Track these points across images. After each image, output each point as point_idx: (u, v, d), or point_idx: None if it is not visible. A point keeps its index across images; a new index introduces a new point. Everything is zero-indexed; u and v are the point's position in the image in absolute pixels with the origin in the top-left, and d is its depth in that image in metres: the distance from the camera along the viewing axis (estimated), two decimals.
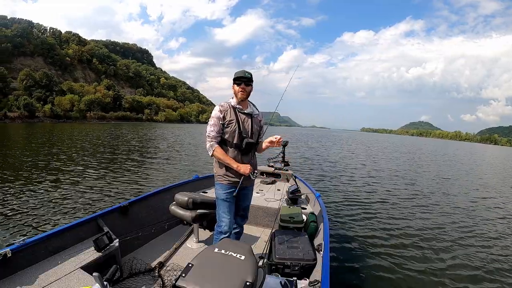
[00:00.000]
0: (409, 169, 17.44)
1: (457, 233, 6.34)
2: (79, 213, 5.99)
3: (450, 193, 10.82)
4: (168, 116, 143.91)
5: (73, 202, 6.73)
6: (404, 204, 8.60)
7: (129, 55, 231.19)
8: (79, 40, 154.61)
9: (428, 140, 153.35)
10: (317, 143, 38.47)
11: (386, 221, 6.78)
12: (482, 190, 12.32)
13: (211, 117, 2.70)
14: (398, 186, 11.51)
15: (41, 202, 6.58)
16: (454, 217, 7.57)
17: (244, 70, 2.69)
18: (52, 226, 5.20)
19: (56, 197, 7.03)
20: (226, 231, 2.77)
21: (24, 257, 2.29)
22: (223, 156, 2.65)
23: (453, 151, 47.73)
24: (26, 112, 79.26)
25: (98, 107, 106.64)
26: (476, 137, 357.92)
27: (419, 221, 7.02)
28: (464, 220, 7.35)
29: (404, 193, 10.11)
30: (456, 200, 9.71)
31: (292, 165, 10.03)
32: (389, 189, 10.60)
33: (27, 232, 4.95)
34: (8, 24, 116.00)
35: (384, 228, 6.31)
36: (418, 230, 6.31)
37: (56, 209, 6.17)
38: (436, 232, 6.29)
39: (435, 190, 11.19)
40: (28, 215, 5.75)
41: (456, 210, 8.33)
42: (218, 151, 2.65)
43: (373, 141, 65.09)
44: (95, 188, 8.10)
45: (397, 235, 5.94)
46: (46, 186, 7.99)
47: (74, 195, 7.28)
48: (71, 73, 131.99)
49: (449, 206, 8.69)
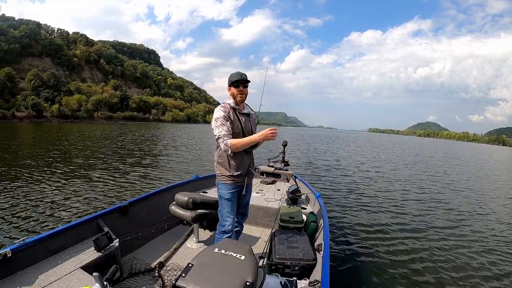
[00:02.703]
0: (410, 170, 17.35)
1: (458, 233, 6.32)
2: (79, 213, 6.01)
3: (453, 194, 10.75)
4: (175, 116, 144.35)
5: (73, 202, 6.75)
6: (405, 204, 8.57)
7: (136, 56, 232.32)
8: (86, 41, 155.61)
9: (435, 141, 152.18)
10: (324, 145, 38.26)
11: (386, 221, 6.76)
12: (491, 193, 12.18)
13: (215, 119, 2.66)
14: (399, 186, 11.45)
15: (41, 202, 6.60)
16: (454, 217, 7.54)
17: (239, 72, 2.68)
18: (52, 226, 5.22)
19: (56, 197, 7.06)
20: (230, 231, 2.78)
21: (24, 257, 2.30)
22: (242, 141, 2.60)
23: (462, 152, 47.36)
24: (34, 112, 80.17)
25: (105, 107, 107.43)
26: (484, 138, 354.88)
27: (420, 221, 7.00)
28: (463, 221, 7.35)
29: (404, 193, 10.07)
30: (457, 200, 9.65)
31: (292, 165, 10.02)
32: (389, 189, 10.56)
33: (27, 232, 4.97)
34: (16, 25, 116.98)
35: (384, 228, 6.29)
36: (418, 230, 6.29)
37: (56, 209, 6.19)
38: (437, 232, 6.26)
39: (436, 190, 11.15)
40: (28, 215, 5.77)
41: (456, 210, 8.27)
42: (234, 142, 2.58)
43: (381, 142, 64.53)
44: (95, 188, 8.13)
45: (397, 235, 5.93)
46: (46, 186, 8.01)
47: (74, 195, 7.31)
48: (79, 74, 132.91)
49: (450, 207, 8.63)
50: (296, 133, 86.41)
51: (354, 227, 6.16)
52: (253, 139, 2.59)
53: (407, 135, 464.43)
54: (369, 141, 56.68)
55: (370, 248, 5.17)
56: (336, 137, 76.38)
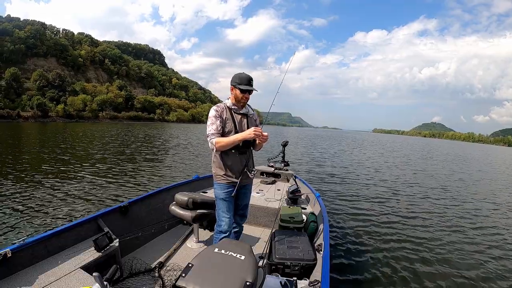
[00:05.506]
0: (412, 170, 17.25)
1: (458, 233, 6.30)
2: (79, 213, 6.01)
3: (456, 195, 10.65)
4: (179, 116, 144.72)
5: (73, 202, 6.75)
6: (405, 204, 8.54)
7: (141, 56, 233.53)
8: (91, 41, 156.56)
9: (441, 142, 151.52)
10: (326, 145, 38.14)
11: (386, 221, 6.73)
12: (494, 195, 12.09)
13: (208, 118, 2.70)
14: (399, 186, 11.40)
15: (41, 202, 6.61)
16: (454, 218, 7.47)
17: (248, 77, 2.65)
18: (52, 226, 5.23)
19: (56, 197, 7.06)
20: (226, 231, 2.78)
21: (24, 257, 2.30)
22: (226, 140, 2.60)
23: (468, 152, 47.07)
24: (39, 112, 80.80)
25: (110, 107, 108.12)
26: (490, 138, 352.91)
27: (420, 221, 6.97)
28: (463, 220, 7.34)
29: (405, 194, 10.03)
30: (459, 201, 9.55)
31: (293, 165, 10.02)
32: (390, 189, 10.52)
33: (27, 232, 4.98)
34: (21, 25, 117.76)
35: (384, 228, 6.26)
36: (419, 230, 6.26)
37: (56, 209, 6.20)
38: (437, 232, 6.24)
39: (437, 190, 11.10)
40: (28, 214, 5.78)
41: (456, 211, 8.22)
42: (219, 140, 2.59)
43: (388, 143, 64.14)
44: (95, 188, 8.14)
45: (397, 235, 5.91)
46: (46, 186, 8.02)
47: (74, 195, 7.31)
48: (84, 74, 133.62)
49: (452, 208, 8.54)
50: (301, 133, 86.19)
51: (354, 227, 6.14)
52: (236, 138, 2.59)
53: (412, 136, 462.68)
54: (374, 142, 56.46)
55: (371, 248, 5.16)
56: (341, 137, 76.04)
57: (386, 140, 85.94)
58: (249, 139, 2.61)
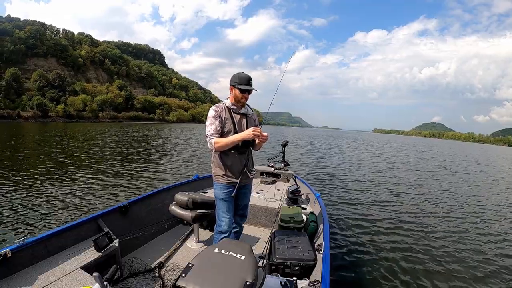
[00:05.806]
0: (412, 170, 17.24)
1: (459, 233, 6.29)
2: (79, 213, 6.01)
3: (457, 195, 10.64)
4: (179, 116, 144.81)
5: (73, 202, 6.75)
6: (405, 204, 8.54)
7: (141, 56, 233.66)
8: (91, 41, 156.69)
9: (441, 142, 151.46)
10: (326, 145, 38.10)
11: (387, 222, 6.72)
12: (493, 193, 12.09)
13: (207, 118, 2.70)
14: (399, 186, 11.39)
15: (41, 202, 6.61)
16: (454, 218, 7.47)
17: (248, 77, 2.65)
18: (52, 226, 5.23)
19: (56, 197, 7.06)
20: (226, 231, 2.78)
21: (24, 257, 2.30)
22: (225, 140, 2.59)
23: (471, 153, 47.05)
24: (39, 112, 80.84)
25: (110, 107, 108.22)
26: (490, 138, 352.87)
27: (420, 221, 6.96)
28: (464, 220, 7.34)
29: (405, 194, 10.02)
30: (459, 201, 9.56)
31: (292, 165, 10.01)
32: (390, 189, 10.51)
33: (27, 232, 4.98)
34: (21, 25, 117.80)
35: (385, 228, 6.26)
36: (419, 230, 6.26)
37: (56, 209, 6.20)
38: (438, 232, 6.22)
39: (437, 191, 11.09)
40: (28, 215, 5.77)
41: (456, 211, 8.22)
42: (218, 140, 2.59)
43: (388, 143, 64.14)
44: (95, 188, 8.14)
45: (398, 235, 5.90)
46: (46, 186, 8.02)
47: (74, 195, 7.31)
48: (84, 74, 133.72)
49: (452, 208, 8.55)
50: (301, 133, 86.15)
51: (354, 227, 6.14)
52: (235, 138, 2.59)
53: (412, 136, 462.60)
54: (374, 142, 56.44)
55: (370, 248, 5.16)
56: (341, 137, 75.97)
57: (386, 140, 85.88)
58: (249, 139, 2.60)
